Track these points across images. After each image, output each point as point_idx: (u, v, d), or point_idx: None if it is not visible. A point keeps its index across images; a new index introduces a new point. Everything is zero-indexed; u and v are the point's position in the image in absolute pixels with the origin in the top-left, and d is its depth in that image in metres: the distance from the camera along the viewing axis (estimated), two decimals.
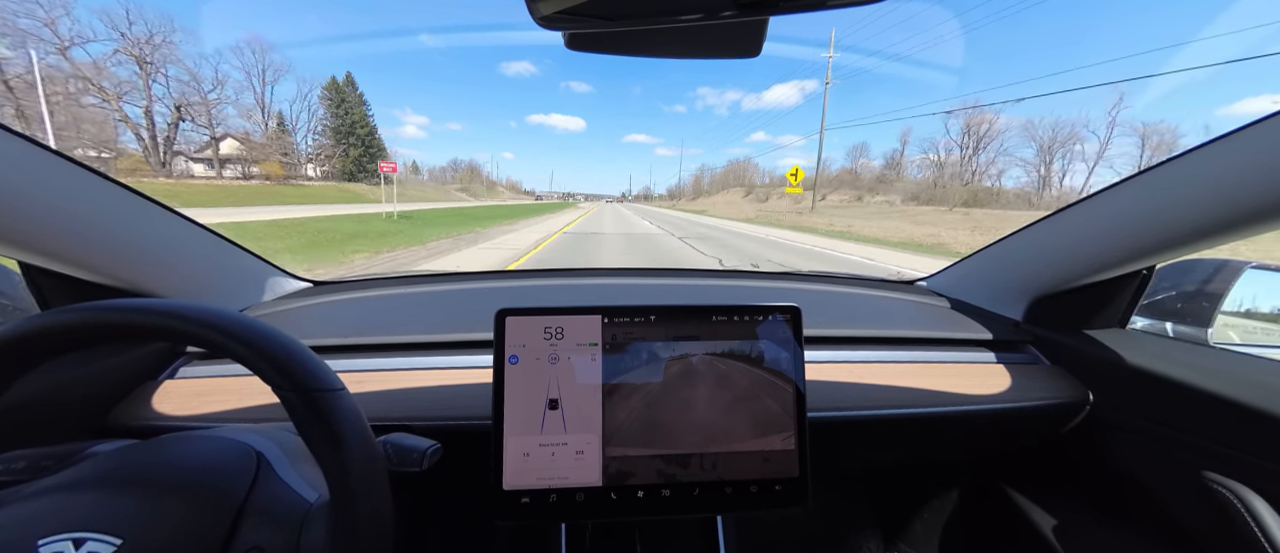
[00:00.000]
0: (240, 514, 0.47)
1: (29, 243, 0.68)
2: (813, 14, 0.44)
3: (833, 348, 1.01)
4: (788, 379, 0.67)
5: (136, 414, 0.77)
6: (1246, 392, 0.74)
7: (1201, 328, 1.01)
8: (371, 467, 0.48)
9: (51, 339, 0.45)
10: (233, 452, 0.53)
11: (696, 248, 11.99)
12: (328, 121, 61.27)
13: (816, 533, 1.38)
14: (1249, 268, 1.05)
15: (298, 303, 1.14)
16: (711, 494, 0.65)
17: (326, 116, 61.47)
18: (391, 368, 0.88)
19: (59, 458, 0.51)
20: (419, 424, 0.77)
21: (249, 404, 0.79)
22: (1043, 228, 1.03)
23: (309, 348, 0.49)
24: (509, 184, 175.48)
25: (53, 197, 0.67)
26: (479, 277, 1.38)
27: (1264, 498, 0.72)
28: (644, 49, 0.51)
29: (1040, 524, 1.03)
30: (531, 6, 0.41)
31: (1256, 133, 0.65)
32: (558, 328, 0.65)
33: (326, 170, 59.14)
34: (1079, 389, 0.97)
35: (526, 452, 0.63)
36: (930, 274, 1.44)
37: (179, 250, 0.91)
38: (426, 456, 0.55)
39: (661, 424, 0.65)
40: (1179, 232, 0.77)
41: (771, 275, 1.52)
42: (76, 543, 0.40)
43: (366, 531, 0.46)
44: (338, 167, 60.13)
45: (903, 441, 1.05)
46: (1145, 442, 0.89)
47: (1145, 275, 0.97)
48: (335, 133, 61.07)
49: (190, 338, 0.46)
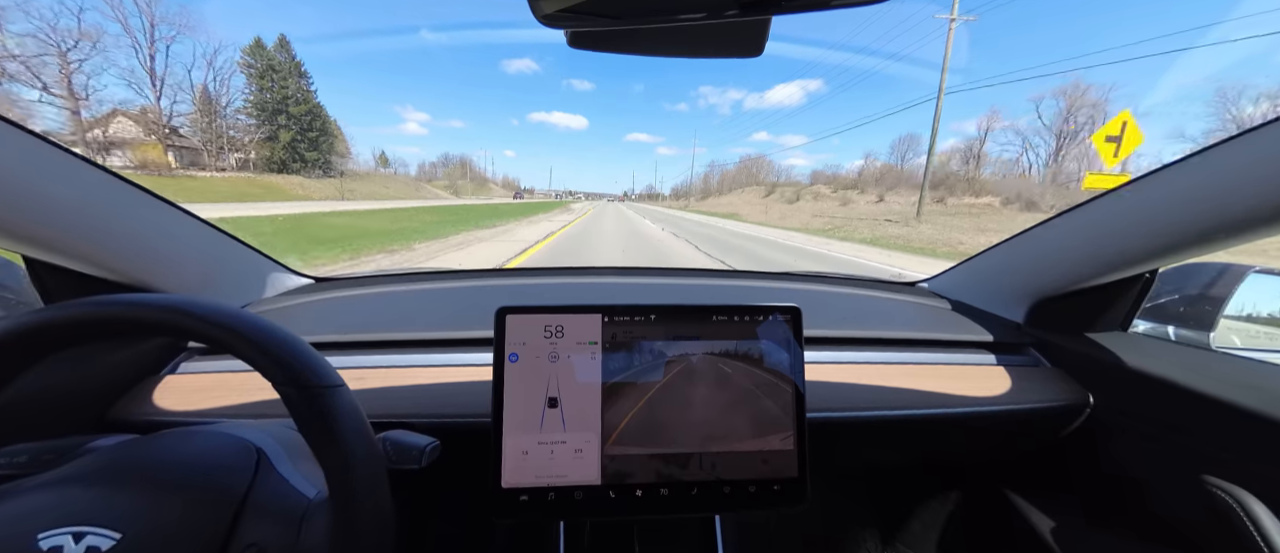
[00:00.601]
0: (240, 510, 0.47)
1: (33, 237, 0.68)
2: (815, 13, 0.44)
3: (833, 349, 1.01)
4: (787, 380, 0.67)
5: (138, 409, 0.78)
6: (1248, 396, 0.74)
7: (1204, 332, 1.00)
8: (371, 464, 0.48)
9: (55, 334, 0.46)
10: (233, 448, 0.53)
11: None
12: (252, 96, 46.40)
13: (815, 534, 1.38)
14: (1253, 272, 1.04)
15: (299, 299, 1.14)
16: (710, 494, 0.65)
17: (250, 90, 46.46)
18: (392, 365, 0.88)
19: (60, 452, 0.51)
20: (419, 422, 0.77)
21: (250, 400, 0.79)
22: (1045, 230, 1.02)
23: (309, 344, 0.49)
24: (504, 181, 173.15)
25: (57, 191, 0.68)
26: (480, 275, 1.39)
27: (1264, 503, 0.72)
28: (646, 48, 0.50)
29: (1039, 527, 1.03)
30: (534, 5, 0.41)
31: (1260, 137, 0.65)
32: (558, 326, 0.65)
33: (255, 159, 45.69)
34: (1080, 392, 0.96)
35: (526, 450, 0.63)
36: (931, 275, 1.44)
37: (181, 246, 0.91)
38: (426, 453, 0.55)
39: (661, 424, 0.65)
40: (1182, 235, 0.77)
41: (772, 276, 1.52)
42: (76, 537, 0.40)
43: (366, 527, 0.46)
44: (265, 154, 46.14)
45: (902, 442, 1.05)
46: (1145, 445, 0.88)
47: (1148, 279, 0.97)
48: (260, 110, 46.41)
49: (192, 333, 0.47)
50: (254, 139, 45.96)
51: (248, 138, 45.59)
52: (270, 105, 46.72)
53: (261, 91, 46.74)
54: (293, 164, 47.15)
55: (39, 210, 0.66)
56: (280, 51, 47.66)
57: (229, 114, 45.51)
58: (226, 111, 45.54)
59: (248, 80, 46.78)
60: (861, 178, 43.13)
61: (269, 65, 46.64)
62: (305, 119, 48.03)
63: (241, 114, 46.28)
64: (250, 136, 45.84)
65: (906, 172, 46.24)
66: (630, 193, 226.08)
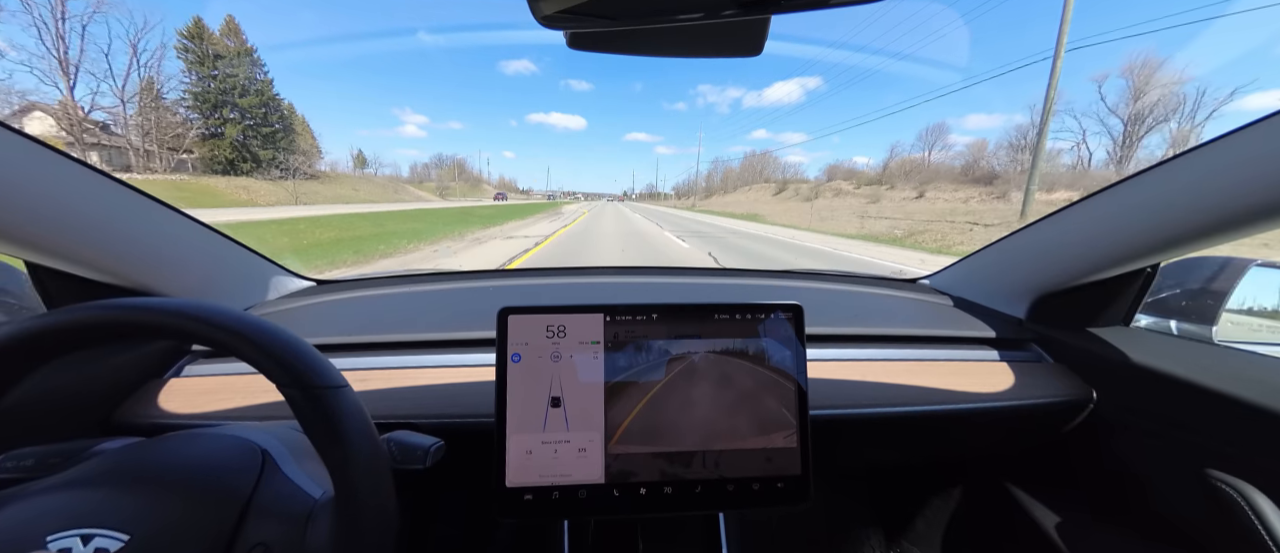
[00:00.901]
0: (245, 511, 0.47)
1: (36, 242, 0.68)
2: (814, 12, 0.44)
3: (835, 346, 1.01)
4: (790, 377, 0.67)
5: (143, 412, 0.78)
6: (1250, 389, 0.74)
7: (1206, 326, 1.00)
8: (375, 464, 0.48)
9: (58, 338, 0.46)
10: (238, 449, 0.53)
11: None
12: (194, 87, 38.44)
13: (819, 531, 1.38)
14: (1254, 266, 1.04)
15: (302, 302, 1.14)
16: (714, 492, 0.65)
17: (190, 78, 38.31)
18: (395, 366, 0.89)
19: (67, 456, 0.52)
20: (422, 422, 0.77)
21: (254, 402, 0.79)
22: (1047, 225, 1.02)
23: (313, 346, 0.49)
24: (499, 182, 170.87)
25: (59, 196, 0.68)
26: (482, 275, 1.39)
27: (1268, 496, 0.72)
28: (645, 48, 0.51)
29: (1043, 523, 1.03)
30: (533, 6, 0.41)
31: (1261, 130, 0.65)
32: (560, 326, 0.65)
33: (197, 159, 38.35)
34: (1082, 387, 0.96)
35: (529, 449, 0.63)
36: (933, 272, 1.43)
37: (184, 250, 0.92)
38: (429, 453, 0.55)
39: (664, 422, 0.65)
40: (1183, 229, 0.77)
41: (773, 274, 1.52)
42: (85, 539, 0.40)
43: (370, 527, 0.46)
44: (207, 153, 38.69)
45: (905, 439, 1.05)
46: (1149, 440, 0.88)
47: (1149, 273, 0.97)
48: (201, 102, 38.79)
49: (196, 337, 0.47)
50: (192, 136, 38.48)
51: (183, 133, 37.58)
52: (213, 96, 39.19)
53: (202, 80, 38.92)
54: (242, 164, 40.21)
55: (41, 215, 0.66)
56: (229, 36, 39.96)
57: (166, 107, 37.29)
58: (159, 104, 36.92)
59: (186, 67, 38.64)
60: (887, 172, 37.18)
61: (213, 51, 39.10)
62: (258, 112, 41.10)
63: (183, 106, 38.71)
64: (188, 132, 38.01)
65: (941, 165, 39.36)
66: (630, 192, 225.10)
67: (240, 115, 40.72)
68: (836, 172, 53.26)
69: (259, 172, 40.51)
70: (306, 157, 46.80)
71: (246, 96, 40.72)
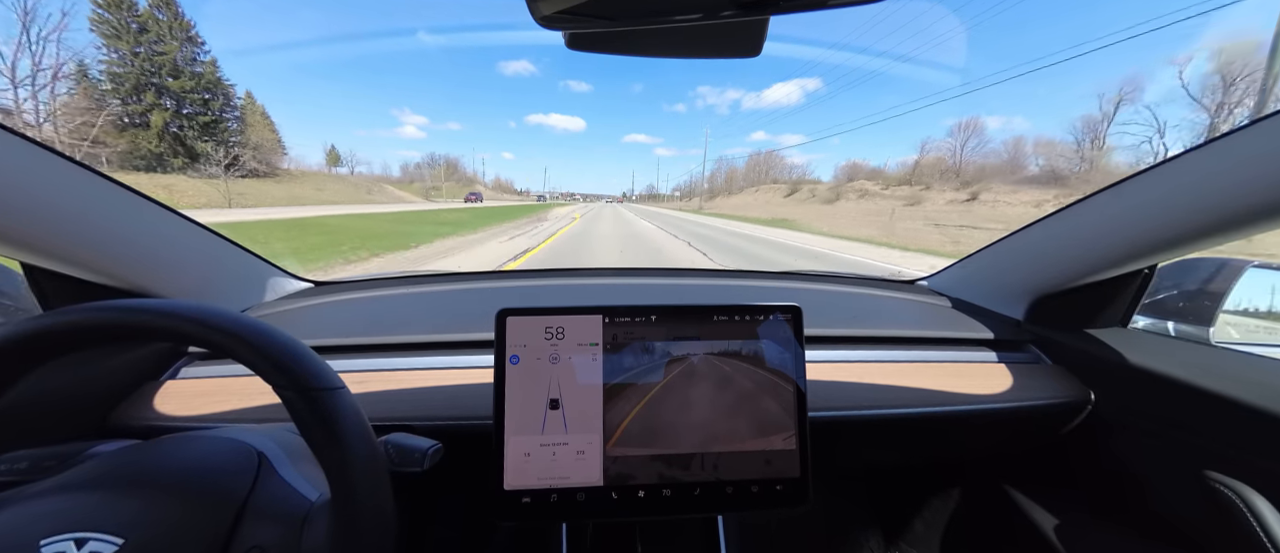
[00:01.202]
0: (241, 514, 0.47)
1: (31, 243, 0.68)
2: (814, 14, 0.44)
3: (834, 348, 1.01)
4: (789, 379, 0.67)
5: (138, 415, 0.77)
6: (1248, 391, 0.74)
7: (1203, 327, 1.01)
8: (372, 466, 0.48)
9: (54, 340, 0.46)
10: (234, 452, 0.53)
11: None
12: (114, 66, 31.80)
13: (817, 533, 1.38)
14: (1251, 267, 1.05)
15: (299, 303, 1.14)
16: (712, 494, 0.65)
17: (107, 55, 31.70)
18: (392, 368, 0.88)
19: (61, 458, 0.51)
20: (420, 424, 0.77)
21: (251, 404, 0.79)
22: (1044, 227, 1.03)
23: (310, 348, 0.49)
24: (497, 183, 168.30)
25: (55, 197, 0.67)
26: (480, 277, 1.39)
27: (1265, 497, 0.72)
28: (644, 49, 0.51)
29: (1042, 524, 1.03)
30: (532, 6, 0.41)
31: (1257, 132, 0.65)
32: (558, 328, 0.65)
33: (115, 152, 31.06)
34: (1080, 389, 0.97)
35: (527, 452, 0.63)
36: (931, 273, 1.44)
37: (180, 251, 0.91)
38: (427, 455, 0.55)
39: (663, 424, 0.65)
40: (1180, 231, 0.77)
41: (772, 275, 1.52)
42: (79, 543, 0.40)
43: (367, 530, 0.46)
44: (127, 144, 31.81)
45: (904, 440, 1.05)
46: (1146, 441, 0.89)
47: (1147, 275, 0.97)
48: (121, 85, 32.09)
49: (192, 338, 0.46)
50: (104, 123, 30.70)
51: (91, 120, 29.44)
52: (134, 77, 31.84)
53: (123, 59, 31.99)
54: (174, 158, 33.23)
55: (37, 216, 0.66)
56: (160, 7, 32.81)
57: (79, 90, 29.59)
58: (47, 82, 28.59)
59: (104, 42, 31.63)
60: (918, 171, 33.17)
61: (138, 22, 32.27)
62: (195, 98, 33.87)
63: (99, 89, 31.33)
64: (97, 119, 29.77)
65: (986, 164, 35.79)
66: (630, 194, 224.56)
67: (172, 102, 33.40)
68: (858, 171, 49.14)
69: (194, 168, 33.12)
70: (260, 151, 40.69)
71: (178, 79, 33.39)
